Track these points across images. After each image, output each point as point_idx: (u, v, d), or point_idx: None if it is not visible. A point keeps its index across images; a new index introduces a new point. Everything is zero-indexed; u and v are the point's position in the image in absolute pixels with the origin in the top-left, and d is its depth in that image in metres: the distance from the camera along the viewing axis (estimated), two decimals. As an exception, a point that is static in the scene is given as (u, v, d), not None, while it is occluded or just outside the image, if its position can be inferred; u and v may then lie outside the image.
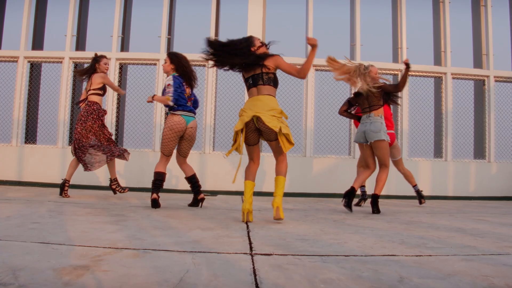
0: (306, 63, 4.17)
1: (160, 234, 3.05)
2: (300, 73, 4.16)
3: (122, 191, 6.04)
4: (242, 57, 4.15)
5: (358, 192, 6.27)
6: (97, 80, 5.93)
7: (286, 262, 2.25)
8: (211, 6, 8.64)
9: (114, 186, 6.03)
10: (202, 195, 5.31)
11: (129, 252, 2.36)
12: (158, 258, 2.23)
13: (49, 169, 8.12)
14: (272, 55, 4.21)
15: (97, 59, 6.03)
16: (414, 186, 6.58)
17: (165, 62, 5.35)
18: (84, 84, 6.27)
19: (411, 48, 8.85)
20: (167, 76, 5.35)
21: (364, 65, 5.32)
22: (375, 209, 5.15)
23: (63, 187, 5.87)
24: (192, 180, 5.33)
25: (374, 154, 5.36)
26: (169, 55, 5.36)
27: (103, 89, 6.02)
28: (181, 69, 5.28)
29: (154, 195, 4.97)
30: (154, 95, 5.31)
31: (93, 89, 5.93)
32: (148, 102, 5.28)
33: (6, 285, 1.66)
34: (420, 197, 6.59)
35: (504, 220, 4.73)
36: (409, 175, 6.52)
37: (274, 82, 4.19)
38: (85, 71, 6.09)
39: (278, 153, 4.18)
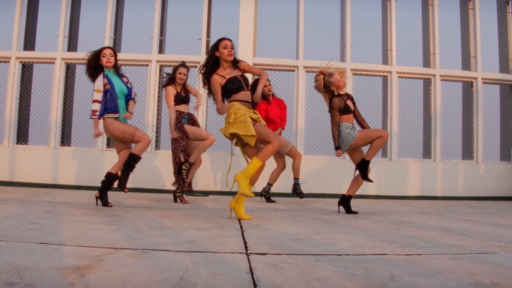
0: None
1: (156, 234, 3.11)
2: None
3: (185, 201, 5.97)
4: None
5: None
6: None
7: (281, 261, 2.33)
8: (202, 6, 8.69)
9: (178, 194, 6.04)
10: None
11: (128, 252, 2.42)
12: (157, 258, 2.30)
13: (41, 170, 8.12)
14: None
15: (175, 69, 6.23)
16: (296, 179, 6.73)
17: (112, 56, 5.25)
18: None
19: (401, 50, 8.95)
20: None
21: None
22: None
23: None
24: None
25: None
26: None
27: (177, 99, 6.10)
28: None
29: None
30: None
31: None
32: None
33: (13, 284, 1.72)
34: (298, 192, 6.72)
35: (491, 220, 4.84)
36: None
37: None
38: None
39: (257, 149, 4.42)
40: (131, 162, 5.11)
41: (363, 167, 5.30)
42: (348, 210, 5.23)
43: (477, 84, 8.96)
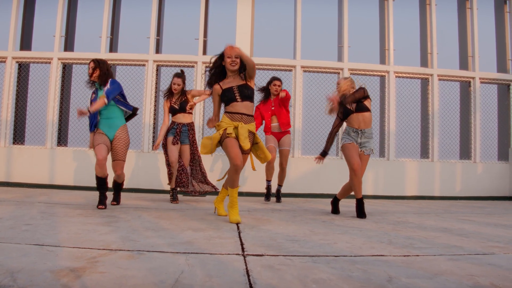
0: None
1: (152, 235, 3.09)
2: None
3: (174, 201, 5.97)
4: None
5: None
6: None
7: (278, 262, 2.31)
8: (200, 6, 8.65)
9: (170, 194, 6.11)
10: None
11: (123, 254, 2.39)
12: (153, 259, 2.27)
13: (38, 170, 8.07)
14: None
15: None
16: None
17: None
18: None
19: (398, 49, 8.94)
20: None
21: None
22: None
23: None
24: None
25: None
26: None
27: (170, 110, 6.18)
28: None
29: None
30: None
31: None
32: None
33: (5, 287, 1.69)
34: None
35: (489, 220, 4.83)
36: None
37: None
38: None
39: None
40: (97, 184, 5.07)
41: (333, 203, 5.36)
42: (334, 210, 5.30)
43: (474, 83, 8.95)
